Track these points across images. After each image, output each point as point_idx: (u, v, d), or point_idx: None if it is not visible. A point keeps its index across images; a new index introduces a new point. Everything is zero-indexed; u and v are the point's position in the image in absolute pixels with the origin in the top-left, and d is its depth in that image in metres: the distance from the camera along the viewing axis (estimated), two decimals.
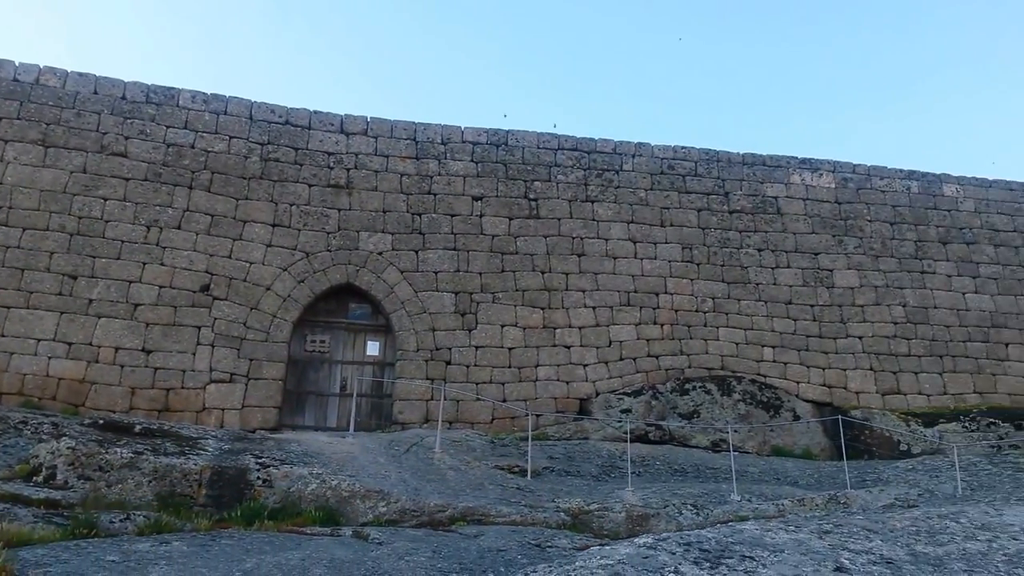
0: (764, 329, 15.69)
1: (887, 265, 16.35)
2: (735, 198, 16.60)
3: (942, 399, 15.37)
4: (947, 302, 16.18)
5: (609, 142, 16.66)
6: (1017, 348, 15.97)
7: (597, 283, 15.47)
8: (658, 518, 9.90)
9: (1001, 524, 5.11)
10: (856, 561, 4.68)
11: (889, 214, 16.79)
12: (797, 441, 14.66)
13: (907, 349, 15.77)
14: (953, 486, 10.66)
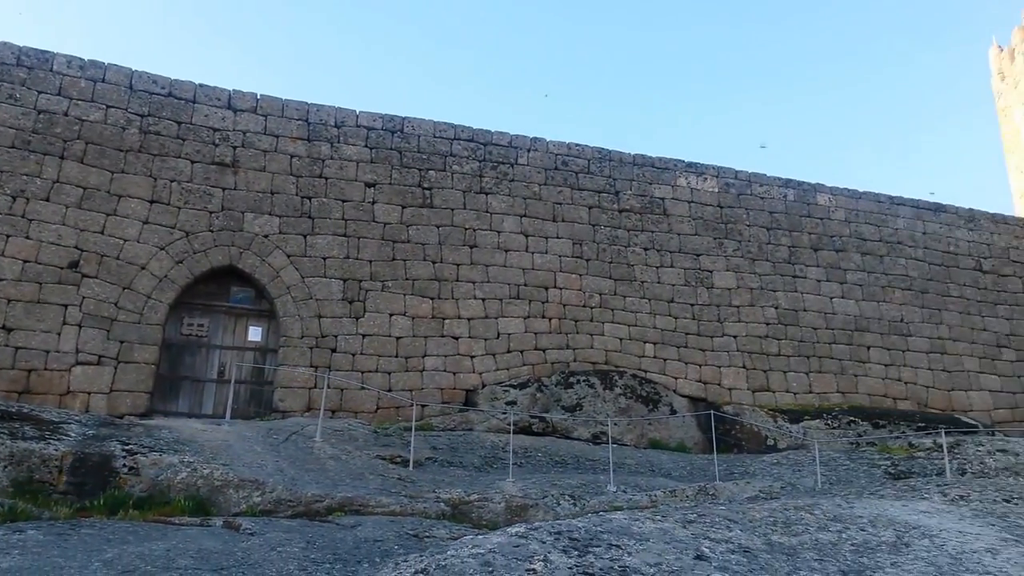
0: (647, 326, 16.13)
1: (763, 268, 17.11)
2: (625, 197, 16.98)
3: (808, 397, 16.22)
4: (816, 306, 17.08)
5: (505, 135, 16.72)
6: (877, 351, 17.02)
7: (488, 275, 15.51)
8: (537, 508, 10.05)
9: (851, 516, 5.44)
10: (716, 550, 4.88)
11: (767, 220, 17.57)
12: (673, 434, 15.16)
13: (777, 349, 16.56)
14: (814, 480, 11.27)
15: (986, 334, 17.84)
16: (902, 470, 11.93)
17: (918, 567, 4.49)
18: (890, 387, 16.78)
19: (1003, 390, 17.48)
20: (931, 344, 17.36)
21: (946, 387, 17.15)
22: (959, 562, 4.70)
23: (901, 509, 5.77)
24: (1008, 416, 17.18)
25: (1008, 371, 17.70)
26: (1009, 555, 4.98)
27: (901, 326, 17.34)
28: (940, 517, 5.61)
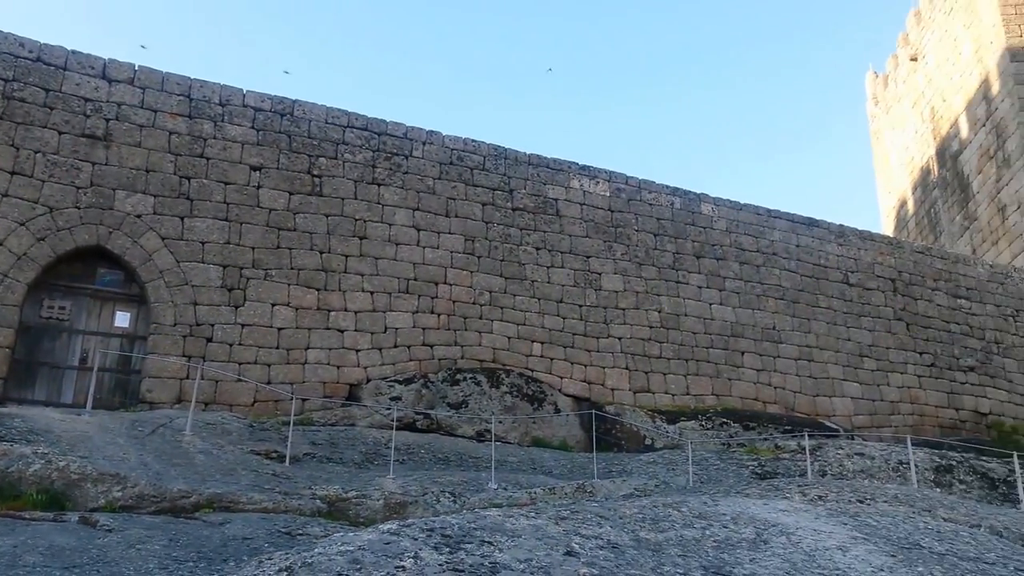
0: (536, 325, 16.26)
1: (648, 273, 17.55)
2: (519, 196, 17.06)
3: (685, 399, 16.75)
4: (696, 311, 17.65)
5: (401, 126, 16.50)
6: (751, 356, 17.74)
7: (377, 268, 15.27)
8: (416, 506, 10.00)
9: (716, 513, 5.62)
10: (585, 546, 4.94)
11: (654, 226, 18.02)
12: (556, 433, 15.35)
13: (659, 352, 17.02)
14: (686, 479, 11.64)
15: (850, 344, 18.88)
16: (768, 470, 12.47)
17: (774, 563, 4.67)
18: (761, 391, 17.53)
19: (863, 397, 18.55)
20: (800, 351, 18.24)
21: (812, 393, 18.05)
22: (812, 559, 4.92)
23: (762, 508, 6.01)
24: (867, 422, 18.24)
25: (869, 379, 18.79)
26: (857, 552, 5.27)
27: (773, 333, 18.14)
28: (798, 516, 5.88)
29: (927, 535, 7.08)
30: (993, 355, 20.45)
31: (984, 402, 19.84)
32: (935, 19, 28.62)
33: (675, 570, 4.48)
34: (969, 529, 8.41)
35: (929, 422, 18.93)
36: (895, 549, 6.06)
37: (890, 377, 18.98)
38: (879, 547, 5.94)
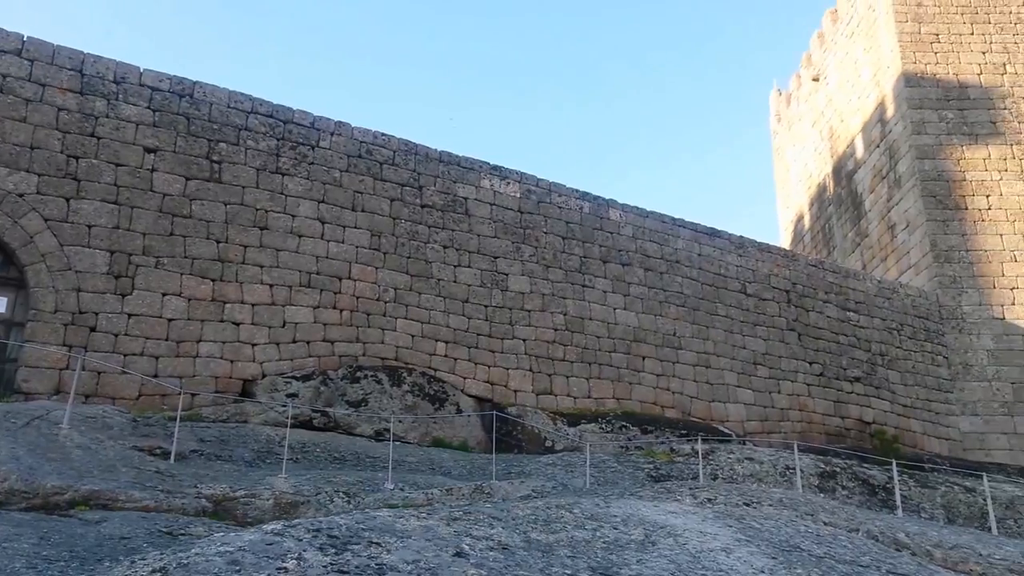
0: (440, 324, 16.12)
1: (555, 276, 17.65)
2: (428, 193, 16.88)
3: (586, 402, 16.92)
4: (600, 315, 17.86)
5: (308, 115, 16.08)
6: (651, 362, 18.07)
7: (278, 260, 14.83)
8: (308, 506, 9.77)
9: (607, 515, 5.65)
10: (476, 547, 4.88)
11: (562, 229, 18.15)
12: (457, 433, 15.25)
13: (563, 354, 17.14)
14: (584, 480, 11.73)
15: (745, 352, 19.48)
16: (663, 473, 12.70)
17: (660, 564, 4.72)
18: (660, 396, 17.87)
19: (755, 403, 19.16)
20: (698, 358, 18.70)
21: (708, 398, 18.53)
22: (697, 560, 5.00)
23: (653, 510, 6.08)
24: (758, 428, 18.85)
25: (761, 387, 19.42)
26: (740, 554, 5.38)
27: (674, 339, 18.53)
28: (686, 518, 5.98)
29: (807, 538, 7.31)
30: (878, 367, 21.46)
31: (868, 411, 20.79)
32: (837, 42, 29.92)
33: (563, 571, 4.45)
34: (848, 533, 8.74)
35: (816, 429, 19.70)
36: (776, 551, 6.22)
37: (781, 385, 19.67)
38: (761, 549, 6.09)
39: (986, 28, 25.26)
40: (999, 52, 24.99)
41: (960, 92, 24.57)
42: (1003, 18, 25.36)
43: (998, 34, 25.19)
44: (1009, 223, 23.32)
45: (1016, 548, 10.61)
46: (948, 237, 23.36)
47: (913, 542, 9.33)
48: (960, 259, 23.16)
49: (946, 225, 23.45)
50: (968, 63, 24.88)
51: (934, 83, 24.70)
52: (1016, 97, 24.45)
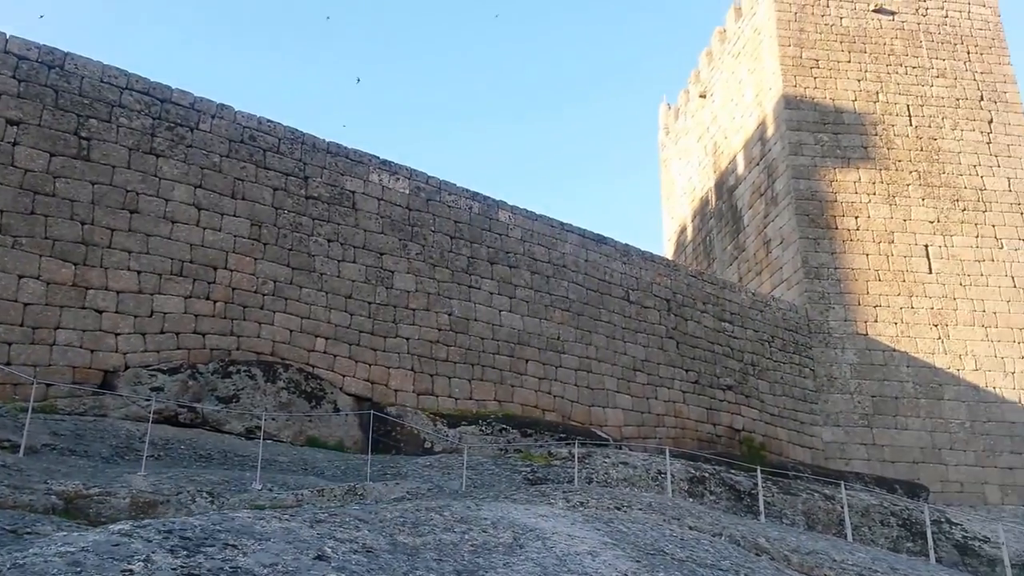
0: (321, 320, 15.69)
1: (441, 275, 17.49)
2: (314, 184, 16.42)
3: (468, 404, 16.84)
4: (485, 317, 17.82)
5: (188, 95, 15.33)
6: (534, 365, 18.18)
7: (148, 246, 14.06)
8: (168, 505, 9.35)
9: (477, 518, 5.57)
10: (339, 550, 4.71)
11: (451, 228, 18.02)
12: (334, 433, 14.88)
13: (446, 355, 17.00)
14: (460, 483, 11.64)
15: (625, 358, 19.88)
16: (539, 476, 12.77)
17: (527, 567, 4.67)
18: (541, 399, 18.00)
19: (633, 409, 19.58)
20: (580, 362, 18.94)
21: (588, 403, 18.80)
22: (563, 563, 4.98)
23: (524, 513, 6.05)
24: (635, 433, 19.26)
25: (640, 392, 19.87)
26: (605, 557, 5.41)
27: (557, 343, 18.71)
28: (555, 521, 5.97)
29: (672, 542, 7.46)
30: (749, 376, 22.35)
31: (738, 419, 21.61)
32: (724, 61, 31.07)
33: (427, 574, 4.34)
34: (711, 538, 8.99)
35: (690, 435, 20.32)
36: (641, 555, 6.31)
37: (658, 391, 20.18)
38: (627, 553, 6.16)
39: (862, 57, 26.79)
40: (873, 80, 26.56)
41: (836, 117, 25.96)
42: (878, 48, 26.97)
43: (872, 63, 26.76)
44: (875, 244, 24.78)
45: (868, 555, 11.21)
46: (819, 255, 24.61)
47: (773, 547, 9.69)
48: (829, 276, 24.43)
49: (817, 243, 24.70)
50: (844, 89, 26.32)
51: (812, 107, 26.00)
52: (887, 124, 26.04)
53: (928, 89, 26.54)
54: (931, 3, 27.74)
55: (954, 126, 26.13)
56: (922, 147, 25.79)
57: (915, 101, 26.31)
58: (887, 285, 24.33)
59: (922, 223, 25.01)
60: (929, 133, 25.96)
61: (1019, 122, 26.49)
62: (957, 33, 27.36)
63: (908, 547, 14.42)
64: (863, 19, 27.22)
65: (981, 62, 27.12)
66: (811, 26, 26.87)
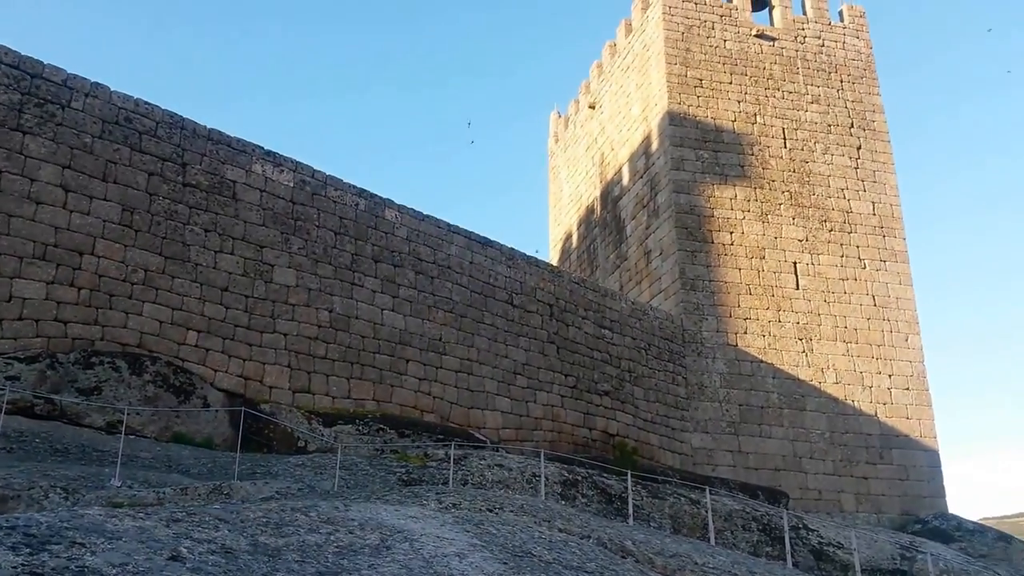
0: (194, 312, 15.12)
1: (324, 271, 17.18)
2: (193, 172, 15.81)
3: (345, 403, 16.59)
4: (367, 315, 17.61)
5: (60, 71, 14.47)
6: (415, 365, 18.09)
7: (9, 227, 13.20)
8: (18, 501, 8.91)
9: (344, 519, 5.50)
10: (195, 550, 4.57)
11: (336, 224, 17.72)
12: (202, 430, 14.36)
13: (325, 352, 16.70)
14: (333, 483, 11.46)
15: (506, 361, 20.08)
16: (414, 477, 12.73)
17: (392, 569, 4.66)
18: (420, 400, 17.94)
19: (512, 412, 19.80)
20: (461, 364, 18.99)
21: (468, 405, 18.88)
22: (430, 565, 4.99)
23: (393, 514, 6.02)
24: (513, 435, 19.48)
25: (519, 396, 20.11)
26: (473, 560, 5.47)
27: (439, 344, 18.70)
28: (425, 522, 5.98)
29: (540, 544, 7.60)
30: (625, 382, 22.99)
31: (613, 424, 22.20)
32: (614, 74, 31.90)
33: None
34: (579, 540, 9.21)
35: (566, 439, 20.72)
36: (508, 557, 6.41)
37: (537, 395, 20.49)
38: (494, 555, 6.24)
39: (743, 80, 28.08)
40: (752, 102, 27.88)
41: (716, 135, 27.10)
42: (758, 72, 28.34)
43: (752, 86, 28.09)
44: (747, 259, 26.00)
45: (728, 558, 11.73)
46: (695, 267, 25.60)
47: (638, 550, 10.01)
48: (704, 288, 25.45)
49: (694, 256, 25.70)
50: (725, 109, 27.51)
51: (695, 124, 27.05)
52: (763, 145, 27.37)
53: (803, 114, 28.11)
54: (809, 32, 29.41)
55: (825, 150, 27.78)
56: (795, 169, 27.28)
57: (790, 124, 27.81)
58: (757, 299, 25.58)
59: (792, 241, 26.45)
60: (802, 156, 27.49)
61: (885, 149, 28.42)
62: (832, 62, 29.10)
63: (767, 551, 15.15)
64: (745, 43, 28.57)
65: (853, 91, 28.93)
66: (697, 47, 27.96)
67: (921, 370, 26.00)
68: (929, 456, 25.19)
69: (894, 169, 28.19)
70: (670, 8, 28.12)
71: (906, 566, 15.94)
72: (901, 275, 26.86)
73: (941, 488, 24.97)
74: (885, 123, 28.85)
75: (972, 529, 23.22)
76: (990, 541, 22.19)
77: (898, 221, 27.52)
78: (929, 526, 22.92)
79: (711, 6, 28.67)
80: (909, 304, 26.57)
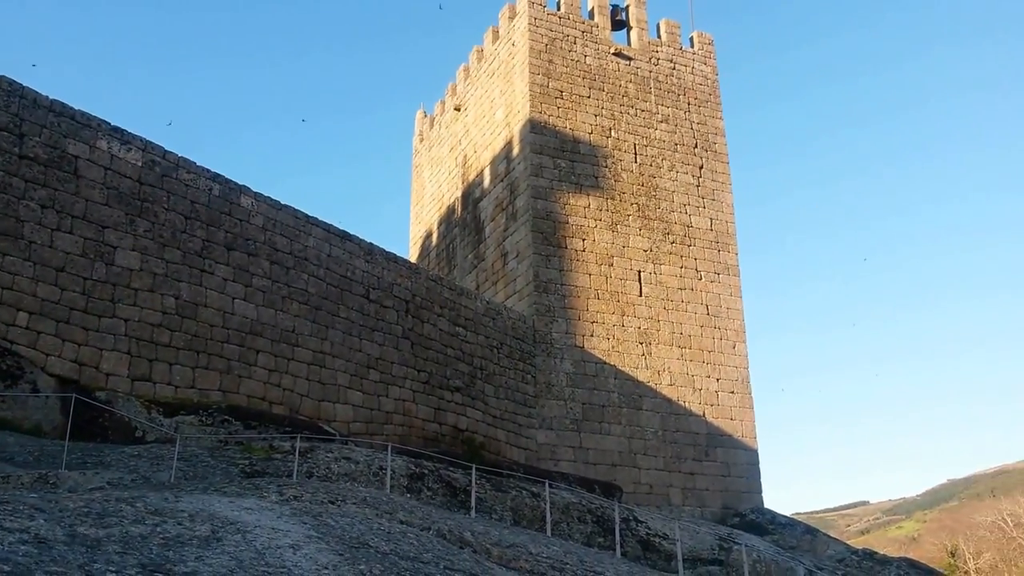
0: (25, 292, 14.29)
1: (172, 256, 16.61)
2: (30, 144, 14.91)
3: (189, 392, 16.13)
4: (217, 303, 17.17)
5: None
6: (265, 356, 17.79)
7: None
8: None
9: (174, 510, 5.51)
10: (5, 540, 4.50)
11: (187, 208, 17.16)
12: (31, 416, 13.63)
13: (169, 340, 16.16)
14: (169, 474, 11.20)
15: (360, 355, 20.09)
16: (258, 470, 12.61)
17: (221, 561, 4.74)
18: (270, 391, 17.68)
19: (364, 406, 19.84)
20: (313, 356, 18.84)
21: (318, 397, 18.76)
22: (262, 556, 5.11)
23: (227, 505, 6.06)
24: (363, 429, 19.52)
25: (371, 390, 20.16)
26: (308, 551, 5.62)
27: (291, 336, 18.47)
28: (260, 514, 6.05)
29: (378, 536, 7.84)
30: (477, 380, 23.48)
31: (463, 420, 22.64)
32: (480, 78, 32.39)
33: (107, 568, 4.27)
34: (419, 532, 9.51)
35: (417, 433, 20.96)
36: (344, 548, 6.60)
37: (390, 389, 20.61)
38: (330, 546, 6.41)
39: (600, 95, 29.24)
40: (607, 117, 29.07)
41: (573, 146, 28.10)
42: (614, 89, 29.58)
43: (609, 102, 29.30)
44: (597, 265, 27.12)
45: (561, 547, 12.36)
46: (548, 271, 26.46)
47: (476, 540, 10.42)
48: (556, 291, 26.35)
49: (548, 260, 26.56)
50: (583, 122, 28.56)
51: (554, 134, 27.93)
52: (616, 159, 28.61)
53: (653, 132, 29.61)
54: (662, 55, 30.99)
55: (671, 167, 29.39)
56: (643, 183, 28.71)
57: (641, 141, 29.23)
58: (604, 303, 26.76)
59: (638, 251, 27.83)
60: (650, 171, 28.96)
61: (724, 170, 30.39)
62: (681, 85, 30.80)
63: (600, 542, 15.97)
64: (604, 60, 29.75)
65: (699, 113, 30.75)
66: (559, 59, 28.87)
67: (746, 375, 28.06)
68: (749, 455, 27.23)
69: (731, 189, 30.25)
70: (535, 20, 28.90)
71: (723, 556, 17.25)
72: (732, 287, 28.87)
73: (758, 484, 27.06)
74: (726, 145, 30.88)
75: (784, 523, 25.35)
76: (799, 534, 24.31)
77: (732, 237, 29.55)
78: (746, 519, 24.82)
79: (574, 21, 29.69)
80: (738, 314, 28.62)
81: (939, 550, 78.88)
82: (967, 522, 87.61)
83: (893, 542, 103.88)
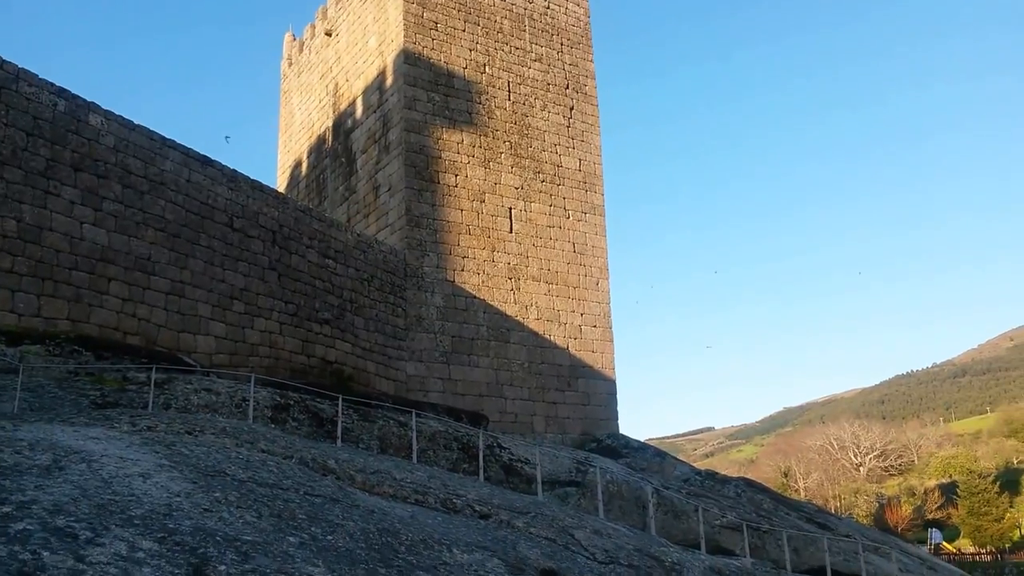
0: None
1: (12, 176, 15.42)
2: None
3: (34, 321, 15.25)
4: (64, 227, 16.16)
5: None
6: (118, 284, 16.97)
7: None
8: None
9: (11, 439, 5.34)
10: None
11: (28, 124, 15.91)
12: None
13: (11, 265, 15.13)
14: (13, 405, 10.67)
15: (224, 285, 19.49)
16: (110, 401, 12.19)
17: (63, 489, 4.66)
18: (124, 321, 16.95)
19: (227, 337, 19.35)
20: (172, 286, 18.13)
21: (178, 328, 18.14)
22: (108, 485, 5.05)
23: (71, 435, 5.90)
24: (227, 361, 19.08)
25: (235, 321, 19.67)
26: (159, 480, 5.58)
27: (147, 264, 17.67)
28: (108, 443, 5.94)
29: (236, 464, 7.84)
30: (347, 312, 23.32)
31: (332, 352, 22.51)
32: (352, 4, 31.26)
33: None
34: (281, 460, 9.54)
35: (284, 366, 20.70)
36: (199, 476, 6.58)
37: (255, 321, 20.18)
38: (184, 475, 6.38)
39: (475, 29, 28.90)
40: (482, 53, 28.84)
41: (448, 80, 27.78)
42: (490, 24, 29.30)
43: (484, 37, 29.03)
44: (469, 201, 27.23)
45: (424, 473, 12.68)
46: (421, 205, 26.36)
47: (340, 468, 10.54)
48: (428, 226, 26.33)
49: (421, 194, 26.42)
50: (458, 56, 28.22)
51: (428, 66, 27.49)
52: (490, 95, 28.52)
53: (527, 70, 29.66)
54: None
55: (543, 107, 29.63)
56: (516, 121, 28.85)
57: (515, 79, 29.24)
58: (475, 239, 27.00)
59: (509, 188, 28.12)
60: (523, 110, 29.11)
61: (593, 112, 30.93)
62: (555, 25, 30.87)
63: (464, 468, 16.45)
64: None
65: (571, 55, 30.99)
66: None
67: (607, 310, 29.24)
68: (607, 385, 28.60)
69: (599, 131, 30.88)
70: None
71: (580, 478, 18.17)
72: (597, 226, 29.78)
73: (615, 412, 28.55)
74: (595, 88, 31.38)
75: (636, 447, 26.94)
76: (649, 457, 25.91)
77: (599, 178, 30.34)
78: (603, 444, 26.20)
79: None
80: (602, 252, 29.62)
81: (774, 471, 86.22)
82: (799, 445, 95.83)
83: (734, 464, 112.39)
